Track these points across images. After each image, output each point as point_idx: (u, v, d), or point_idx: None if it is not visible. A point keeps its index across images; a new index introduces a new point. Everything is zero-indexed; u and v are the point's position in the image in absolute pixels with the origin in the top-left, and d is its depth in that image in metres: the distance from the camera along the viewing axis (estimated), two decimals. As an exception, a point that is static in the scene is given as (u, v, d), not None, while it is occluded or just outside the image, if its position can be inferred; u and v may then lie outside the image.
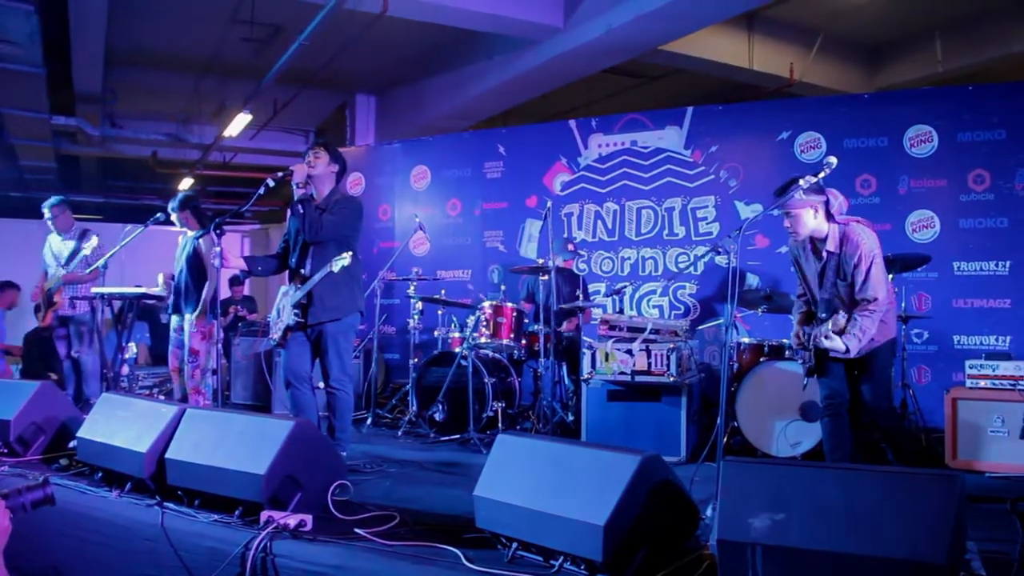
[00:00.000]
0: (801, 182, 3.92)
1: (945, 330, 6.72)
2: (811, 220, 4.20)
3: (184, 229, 6.64)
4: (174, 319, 6.57)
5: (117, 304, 6.85)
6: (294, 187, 4.83)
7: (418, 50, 11.06)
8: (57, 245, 7.10)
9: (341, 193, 5.07)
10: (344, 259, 4.69)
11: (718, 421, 3.85)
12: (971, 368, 5.33)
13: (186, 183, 15.74)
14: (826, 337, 4.11)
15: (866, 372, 4.33)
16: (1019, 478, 4.84)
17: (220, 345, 5.28)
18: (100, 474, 4.50)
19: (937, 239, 6.78)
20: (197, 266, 6.40)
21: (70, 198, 7.48)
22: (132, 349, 8.63)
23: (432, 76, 11.54)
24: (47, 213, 7.09)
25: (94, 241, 6.87)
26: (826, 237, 4.24)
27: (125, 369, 6.79)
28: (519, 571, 3.06)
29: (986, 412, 5.16)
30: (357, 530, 3.54)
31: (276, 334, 4.99)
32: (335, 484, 3.92)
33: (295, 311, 4.86)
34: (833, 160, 3.90)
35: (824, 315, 4.25)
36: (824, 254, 4.28)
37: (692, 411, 5.68)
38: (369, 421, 7.09)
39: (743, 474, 2.86)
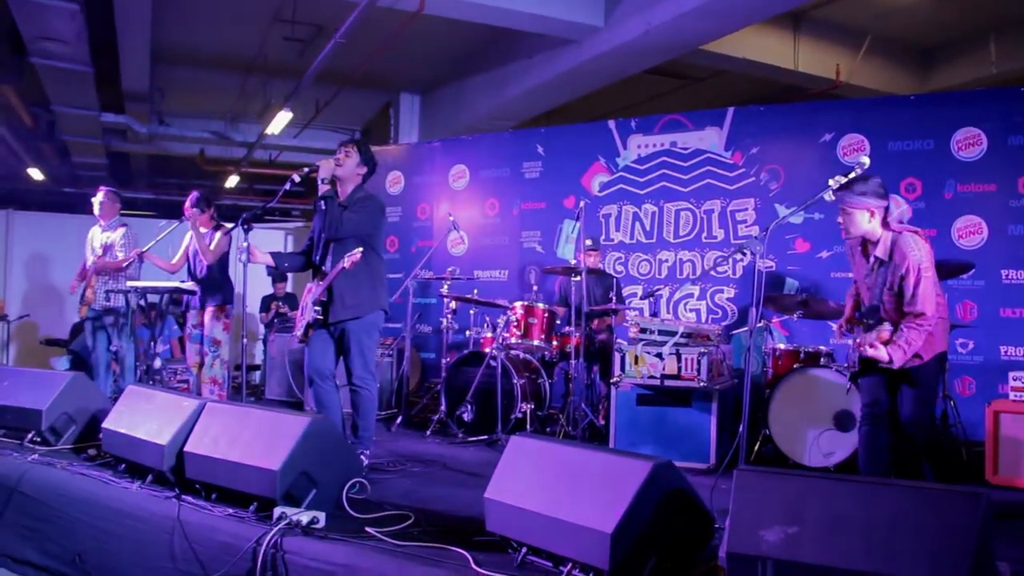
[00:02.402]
0: (831, 182, 3.81)
1: (991, 340, 6.48)
2: (865, 222, 4.09)
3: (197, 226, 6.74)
4: (195, 314, 6.62)
5: (153, 298, 6.92)
6: (319, 183, 4.82)
7: (461, 49, 11.06)
8: (97, 237, 7.20)
9: (364, 191, 5.04)
10: (354, 255, 4.65)
11: (740, 428, 3.74)
12: (1015, 380, 5.14)
13: (233, 180, 15.96)
14: (870, 346, 3.97)
15: (908, 384, 4.16)
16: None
17: (260, 342, 5.31)
18: (124, 465, 4.55)
19: (985, 246, 6.55)
20: (219, 260, 6.46)
21: (122, 194, 7.59)
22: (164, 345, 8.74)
23: (474, 75, 11.52)
24: (100, 196, 7.20)
25: (121, 231, 6.99)
26: (877, 242, 4.12)
27: (157, 362, 6.85)
28: (527, 577, 3.00)
29: (1030, 426, 4.96)
30: (368, 529, 3.51)
31: (299, 331, 4.99)
32: (351, 482, 3.90)
33: (316, 308, 4.85)
34: (865, 160, 3.79)
35: (870, 321, 4.14)
36: (872, 259, 4.16)
37: (723, 417, 5.56)
38: (399, 420, 7.07)
39: (757, 484, 2.75)
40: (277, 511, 3.57)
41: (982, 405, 5.41)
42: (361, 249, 4.68)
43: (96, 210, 7.17)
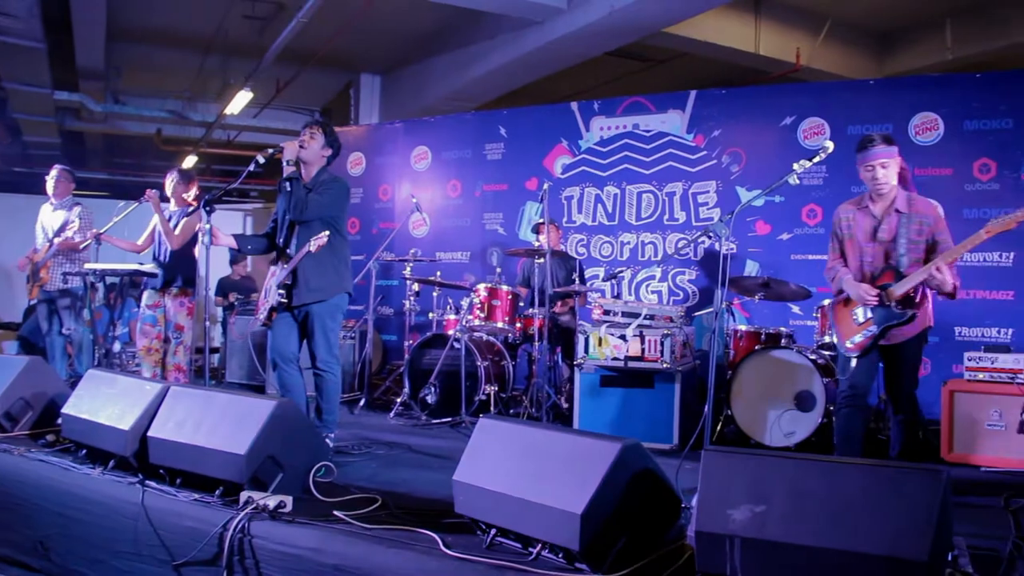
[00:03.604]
0: (795, 166, 3.85)
1: (947, 321, 6.61)
2: (896, 173, 4.23)
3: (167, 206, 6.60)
4: (151, 295, 6.47)
5: (111, 280, 6.79)
6: (284, 164, 4.77)
7: (423, 30, 10.97)
8: (48, 217, 7.04)
9: (329, 173, 4.99)
10: (320, 239, 4.62)
11: (705, 409, 3.78)
12: (969, 360, 5.26)
13: (190, 161, 15.71)
14: (937, 270, 4.02)
15: (899, 359, 4.31)
16: (1015, 473, 4.77)
17: (219, 324, 5.23)
18: (84, 451, 4.47)
19: (940, 229, 6.68)
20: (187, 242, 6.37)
21: (76, 174, 7.41)
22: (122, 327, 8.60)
23: (436, 56, 11.44)
24: (53, 174, 7.02)
25: (78, 210, 6.83)
26: (895, 196, 4.25)
27: (116, 346, 6.73)
28: (497, 558, 3.01)
29: (983, 405, 5.08)
30: (336, 512, 3.50)
31: (262, 314, 4.94)
32: (318, 465, 3.88)
33: (280, 291, 4.80)
34: (829, 145, 3.85)
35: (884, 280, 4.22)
36: (893, 213, 4.24)
37: (686, 398, 5.61)
38: (362, 403, 7.05)
39: (725, 464, 2.79)
40: (244, 495, 3.55)
41: (937, 385, 5.53)
42: (328, 233, 4.65)
43: (49, 189, 7.00)
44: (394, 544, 3.17)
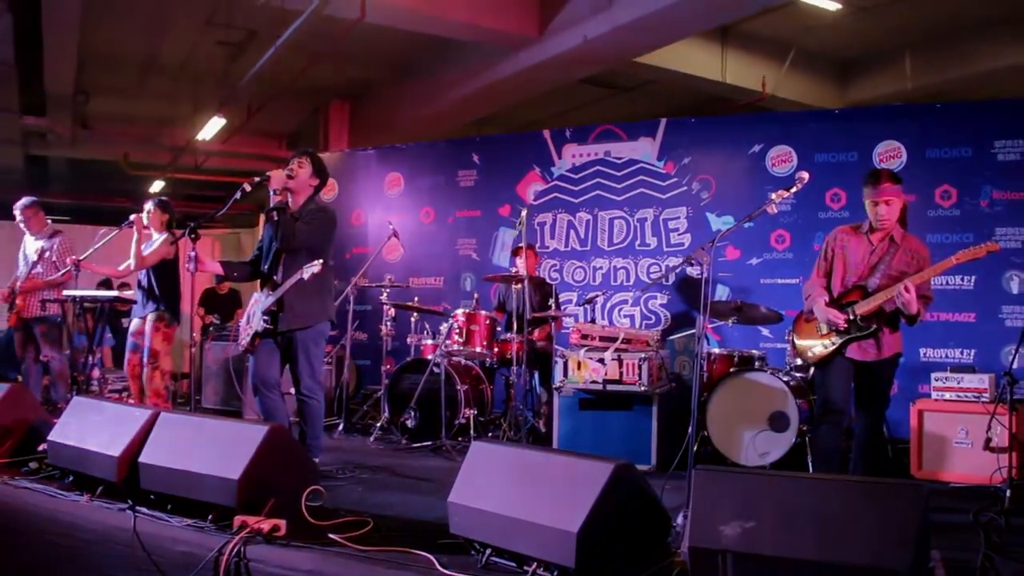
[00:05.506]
0: (773, 196, 4.00)
1: (911, 343, 6.78)
2: (898, 209, 4.41)
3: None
4: (136, 323, 6.47)
5: (89, 306, 6.77)
6: (271, 193, 4.84)
7: (393, 57, 11.08)
8: (31, 246, 7.02)
9: (316, 203, 5.06)
10: (314, 267, 4.69)
11: (689, 430, 3.90)
12: (937, 380, 5.47)
13: (157, 186, 15.64)
14: (906, 289, 4.14)
15: (872, 377, 4.44)
16: (982, 488, 4.93)
17: (192, 350, 5.26)
18: (71, 478, 4.46)
19: (904, 253, 6.88)
20: (161, 267, 6.35)
21: (38, 200, 7.38)
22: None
23: (407, 83, 11.55)
24: (18, 215, 7.00)
25: (57, 244, 6.79)
26: (891, 230, 4.44)
27: (96, 372, 6.71)
28: (492, 577, 3.10)
29: (951, 423, 5.29)
30: (331, 535, 3.55)
31: (245, 340, 4.97)
32: (308, 489, 3.93)
33: (265, 318, 4.84)
34: (805, 175, 4.01)
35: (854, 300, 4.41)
36: (886, 240, 4.42)
37: (662, 420, 5.73)
38: (341, 427, 7.08)
39: (714, 483, 2.90)
40: (238, 520, 3.58)
41: (904, 404, 5.72)
42: (321, 262, 4.72)
43: (25, 228, 6.99)
44: (391, 565, 3.23)
